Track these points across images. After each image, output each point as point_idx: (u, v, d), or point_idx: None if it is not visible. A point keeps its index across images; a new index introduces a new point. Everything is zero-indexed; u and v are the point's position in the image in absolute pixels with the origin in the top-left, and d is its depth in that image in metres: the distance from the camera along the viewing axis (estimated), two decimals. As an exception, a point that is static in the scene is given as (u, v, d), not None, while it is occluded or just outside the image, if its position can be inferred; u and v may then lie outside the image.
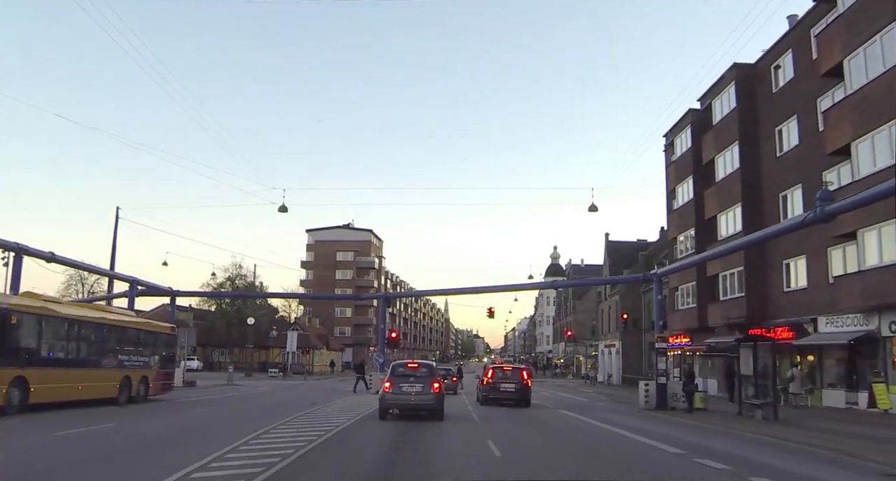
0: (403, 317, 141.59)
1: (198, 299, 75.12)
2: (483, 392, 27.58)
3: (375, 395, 31.13)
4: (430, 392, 17.34)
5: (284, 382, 52.69)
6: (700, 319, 36.90)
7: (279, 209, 29.90)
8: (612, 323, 58.79)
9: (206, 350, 79.58)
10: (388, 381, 17.77)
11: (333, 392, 35.39)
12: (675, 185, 41.34)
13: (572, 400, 33.92)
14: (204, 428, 14.98)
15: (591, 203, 30.25)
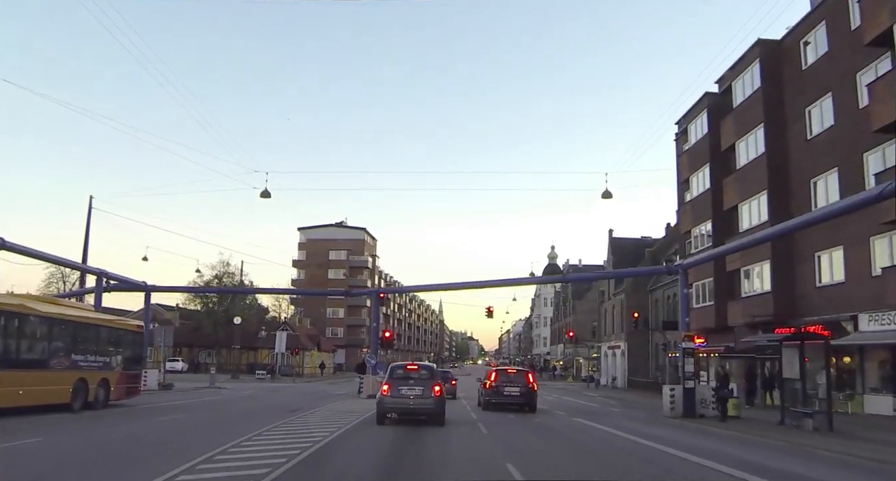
0: (397, 317, 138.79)
1: (184, 297, 72.41)
2: (485, 396, 25.29)
3: (368, 400, 28.64)
4: (431, 395, 16.36)
5: (272, 385, 49.94)
6: (718, 318, 34.23)
7: (261, 194, 27.11)
8: (617, 323, 56.11)
9: (192, 350, 76.65)
10: (386, 384, 16.82)
11: (322, 396, 32.63)
12: (688, 175, 38.68)
13: (581, 405, 31.21)
14: (150, 445, 12.16)
15: (605, 189, 27.52)
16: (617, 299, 56.27)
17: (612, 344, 57.00)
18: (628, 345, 52.00)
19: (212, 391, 36.79)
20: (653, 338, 50.44)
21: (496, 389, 24.56)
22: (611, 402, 33.66)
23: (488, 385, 25.51)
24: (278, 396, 32.13)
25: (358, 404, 26.21)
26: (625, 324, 53.30)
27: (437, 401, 16.54)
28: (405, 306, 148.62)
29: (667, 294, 47.90)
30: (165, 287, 34.23)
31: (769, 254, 29.01)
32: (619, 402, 34.03)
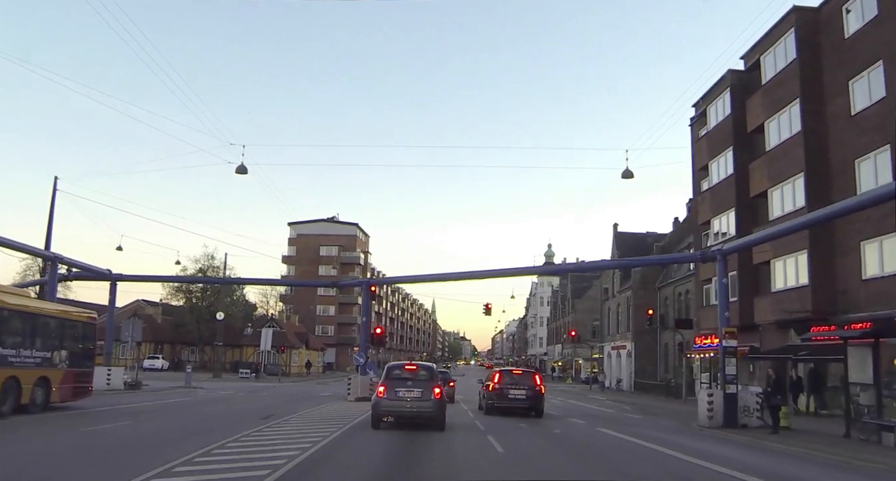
0: (390, 316, 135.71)
1: (167, 292, 69.14)
2: (488, 399, 22.81)
3: (357, 404, 25.51)
4: (431, 398, 15.28)
5: (255, 385, 46.78)
6: (743, 316, 31.16)
7: (237, 170, 23.87)
8: (622, 322, 53.05)
9: (175, 348, 73.42)
10: (382, 385, 15.73)
11: (305, 398, 29.46)
12: (707, 161, 35.59)
13: (594, 410, 28.10)
14: (53, 468, 8.92)
15: (626, 167, 24.39)
16: (622, 296, 53.21)
17: (617, 344, 53.93)
18: (635, 345, 48.92)
19: (185, 391, 33.60)
20: (661, 338, 47.43)
21: (500, 392, 22.30)
22: (625, 407, 30.57)
23: (491, 387, 22.83)
24: (257, 398, 28.94)
25: (344, 408, 23.10)
26: (631, 322, 50.27)
27: (437, 404, 15.38)
28: (398, 304, 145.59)
29: (678, 291, 44.87)
30: (132, 276, 30.90)
31: (806, 243, 25.96)
32: (635, 408, 30.95)
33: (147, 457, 9.60)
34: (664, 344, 47.04)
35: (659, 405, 32.82)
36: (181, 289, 69.71)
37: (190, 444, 11.26)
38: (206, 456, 10.07)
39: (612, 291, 57.16)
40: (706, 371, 38.02)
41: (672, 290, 45.67)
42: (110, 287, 30.50)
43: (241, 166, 23.85)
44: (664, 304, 47.59)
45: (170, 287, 68.93)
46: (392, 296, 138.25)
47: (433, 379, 16.04)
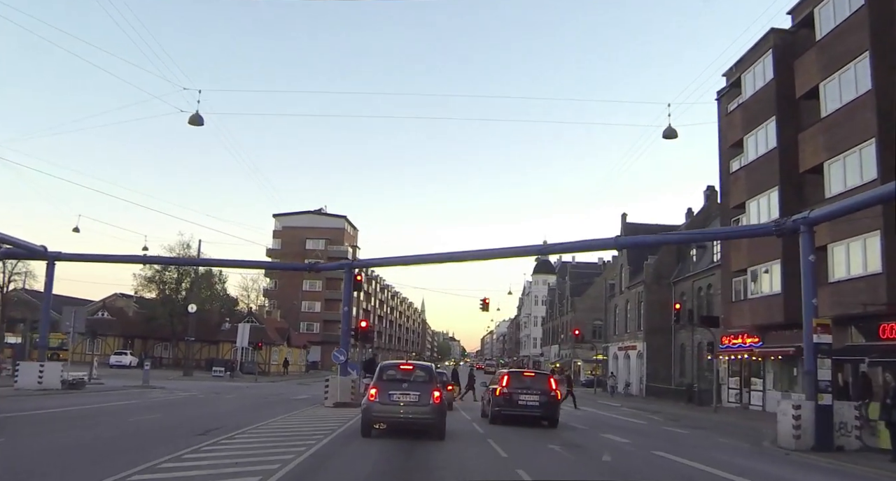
0: (378, 314, 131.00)
1: (137, 282, 64.25)
2: (495, 406, 19.48)
3: (334, 411, 21.10)
4: (429, 402, 13.68)
5: (227, 384, 42.20)
6: (789, 311, 26.79)
7: (190, 120, 19.22)
8: (632, 320, 48.67)
9: (146, 343, 68.41)
10: (374, 387, 14.00)
11: (276, 402, 24.93)
12: (742, 135, 31.25)
13: (620, 421, 23.65)
14: None
15: (668, 125, 19.89)
16: (632, 293, 48.82)
17: (626, 344, 49.54)
18: (647, 345, 44.53)
19: (139, 392, 29.03)
20: (677, 338, 43.09)
21: (509, 397, 19.01)
22: (653, 417, 26.12)
23: (498, 391, 19.38)
24: (216, 402, 24.36)
25: (318, 417, 18.60)
26: (643, 321, 45.89)
27: (436, 410, 13.74)
28: (387, 302, 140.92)
29: (697, 285, 40.52)
30: (73, 254, 26.08)
31: (879, 223, 21.62)
32: (665, 417, 26.53)
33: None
34: (679, 344, 42.70)
35: (688, 414, 28.44)
36: (154, 280, 64.94)
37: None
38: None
39: (619, 287, 52.79)
40: (735, 375, 33.86)
41: (690, 285, 41.33)
42: (47, 268, 25.77)
43: (196, 116, 19.21)
44: (680, 301, 43.20)
45: (141, 278, 64.22)
46: (381, 294, 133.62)
47: (432, 381, 14.22)
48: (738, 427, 22.04)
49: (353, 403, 22.49)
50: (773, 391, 29.49)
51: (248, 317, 63.46)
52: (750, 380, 31.76)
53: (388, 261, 23.19)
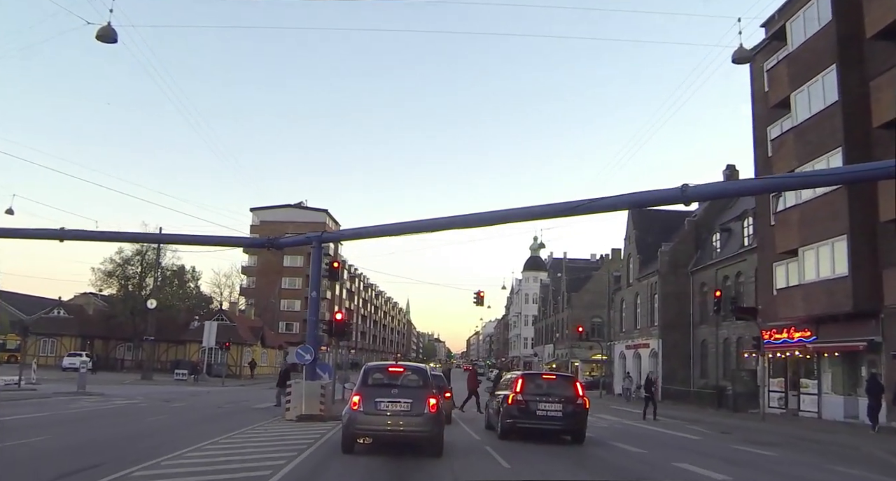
0: (362, 314, 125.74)
1: (96, 277, 58.58)
2: (507, 417, 15.44)
3: (295, 428, 16.02)
4: (423, 411, 11.39)
5: (187, 389, 37.19)
6: (858, 297, 22.06)
7: (97, 34, 14.06)
8: (644, 315, 43.70)
9: (107, 344, 62.73)
10: (357, 394, 11.67)
11: (228, 414, 19.87)
12: (789, 92, 26.45)
13: (670, 437, 18.66)
14: None
15: (739, 45, 14.90)
16: (642, 284, 43.93)
17: (636, 342, 44.61)
18: (663, 343, 39.61)
19: (66, 400, 23.71)
20: (696, 334, 38.28)
21: (525, 406, 15.21)
22: (700, 429, 21.08)
23: (511, 398, 15.44)
24: (150, 414, 19.15)
25: (271, 441, 13.42)
26: (657, 315, 41.02)
27: (431, 421, 11.44)
28: (371, 301, 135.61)
29: (722, 274, 35.69)
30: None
31: None
32: (709, 427, 21.65)
33: None
34: (700, 341, 37.87)
35: (734, 423, 23.58)
36: (114, 275, 59.33)
37: None
38: None
39: (626, 279, 47.90)
40: (778, 375, 28.98)
41: (713, 274, 36.47)
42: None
43: (105, 28, 14.02)
44: (699, 292, 38.43)
45: (100, 273, 58.61)
46: (364, 292, 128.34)
47: (427, 387, 12.09)
48: (821, 443, 17.13)
49: (323, 416, 17.40)
50: (832, 395, 24.68)
51: (217, 314, 58.00)
52: (798, 382, 26.91)
53: (365, 231, 18.09)
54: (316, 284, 18.51)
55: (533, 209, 14.89)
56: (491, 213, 16.11)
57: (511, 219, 15.56)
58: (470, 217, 16.46)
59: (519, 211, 15.17)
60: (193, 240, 21.00)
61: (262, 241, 19.11)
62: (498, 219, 15.91)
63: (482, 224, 16.45)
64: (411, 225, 17.15)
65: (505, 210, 15.52)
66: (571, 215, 14.49)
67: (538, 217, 15.29)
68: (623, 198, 14.01)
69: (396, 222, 17.72)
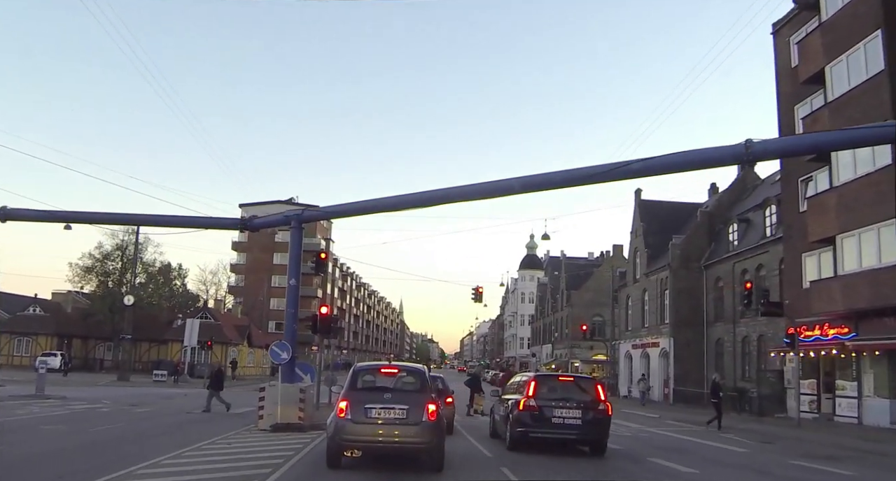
0: (355, 313, 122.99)
1: (73, 273, 55.67)
2: (518, 424, 13.50)
3: (270, 439, 13.48)
4: (421, 419, 9.87)
5: (165, 391, 34.75)
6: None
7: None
8: (653, 313, 41.15)
9: (87, 343, 59.80)
10: (344, 400, 10.10)
11: (193, 421, 17.26)
12: (824, 65, 24.01)
13: (691, 444, 16.13)
14: None
15: None
16: (651, 280, 41.40)
17: (644, 341, 42.10)
18: (674, 342, 37.08)
19: (15, 406, 20.98)
20: (710, 333, 35.80)
21: (538, 412, 13.34)
22: (738, 439, 18.51)
23: (523, 404, 13.46)
24: (104, 422, 16.46)
25: (233, 459, 10.84)
26: (668, 312, 38.53)
27: (430, 430, 9.87)
28: (364, 301, 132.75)
29: (740, 268, 33.20)
30: None
31: None
32: (746, 435, 19.12)
33: None
34: (715, 340, 35.38)
35: (768, 430, 21.15)
36: (93, 271, 56.45)
37: None
38: None
39: (633, 275, 45.39)
40: (809, 376, 26.43)
41: (729, 268, 33.98)
42: None
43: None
44: (714, 288, 35.96)
45: (77, 268, 55.75)
46: (357, 292, 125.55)
47: (424, 391, 10.35)
48: (888, 455, 14.65)
49: (303, 425, 14.80)
50: (875, 398, 22.19)
51: (201, 312, 55.24)
52: (833, 384, 24.40)
53: (351, 208, 15.40)
54: (295, 271, 15.89)
55: (556, 175, 12.34)
56: (500, 183, 13.50)
57: (529, 188, 13.00)
58: (470, 188, 13.85)
59: (538, 178, 12.60)
60: (163, 222, 18.38)
61: (235, 222, 16.48)
62: (505, 189, 13.32)
63: (487, 195, 13.83)
64: (404, 199, 14.54)
65: (520, 177, 12.94)
66: (605, 180, 11.99)
67: (563, 184, 12.72)
68: (676, 157, 11.48)
69: (386, 196, 15.09)
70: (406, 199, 14.54)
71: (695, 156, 11.52)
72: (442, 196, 14.18)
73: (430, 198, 14.24)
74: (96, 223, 17.91)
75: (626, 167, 11.36)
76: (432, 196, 14.25)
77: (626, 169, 11.37)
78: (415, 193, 14.51)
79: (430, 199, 14.30)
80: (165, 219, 18.14)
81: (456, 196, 14.22)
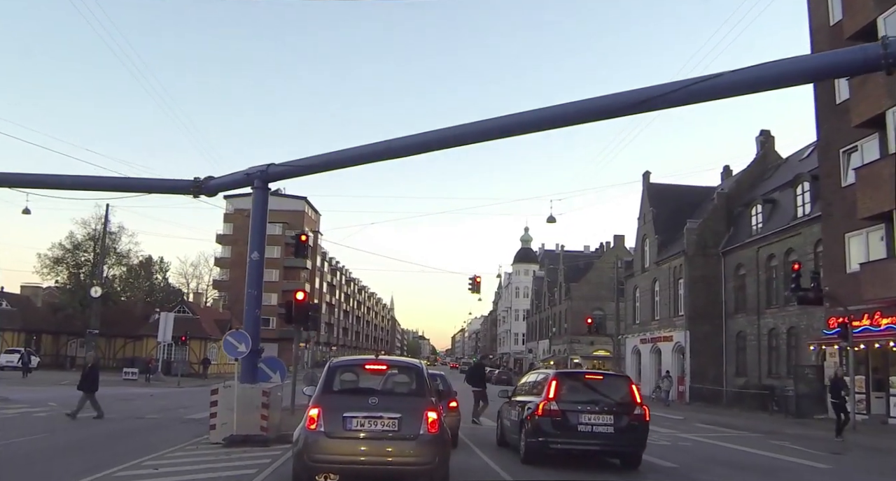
0: (345, 309, 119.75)
1: (40, 264, 52.24)
2: (536, 433, 11.03)
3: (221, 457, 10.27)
4: (420, 432, 7.48)
5: (130, 391, 31.37)
6: None
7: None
8: (665, 305, 38.01)
9: (58, 340, 56.25)
10: (316, 406, 7.66)
11: (139, 430, 14.24)
12: (876, 15, 21.09)
13: (745, 455, 13.13)
14: None
15: None
16: (663, 269, 38.33)
17: (655, 335, 39.07)
18: (691, 336, 34.03)
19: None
20: (730, 326, 32.81)
21: (562, 418, 10.84)
22: (791, 447, 15.41)
23: (542, 408, 10.96)
24: (35, 428, 13.48)
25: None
26: (683, 304, 35.51)
27: (431, 446, 7.43)
28: (354, 296, 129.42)
29: (766, 253, 30.20)
30: None
31: None
32: (797, 441, 16.09)
33: None
34: (736, 333, 32.39)
35: (822, 436, 18.11)
36: (63, 262, 52.98)
37: None
38: None
39: (641, 264, 42.34)
40: (855, 373, 23.39)
41: (753, 254, 30.99)
42: None
43: None
44: (734, 276, 32.95)
45: (46, 259, 52.32)
46: (347, 287, 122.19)
47: (423, 393, 7.87)
48: None
49: (266, 436, 11.60)
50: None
51: (177, 305, 51.90)
52: (887, 381, 21.38)
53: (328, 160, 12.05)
54: (258, 243, 12.73)
55: (588, 103, 9.23)
56: (499, 120, 10.33)
57: (548, 124, 9.81)
58: (471, 127, 10.68)
59: (565, 109, 9.46)
60: (110, 185, 15.17)
61: (188, 184, 13.20)
62: (503, 129, 10.17)
63: (494, 135, 10.65)
64: (391, 145, 11.31)
65: (540, 109, 9.80)
66: (668, 105, 8.87)
67: (595, 116, 9.56)
68: (783, 65, 8.35)
69: (368, 143, 11.85)
70: (394, 146, 11.36)
71: (810, 64, 8.52)
72: (437, 139, 11.06)
73: (417, 143, 11.15)
74: (27, 187, 14.67)
75: (712, 81, 8.27)
76: (420, 140, 11.15)
77: (712, 83, 8.28)
78: (401, 138, 11.38)
79: (417, 144, 11.21)
80: (113, 181, 14.97)
81: (451, 140, 11.12)
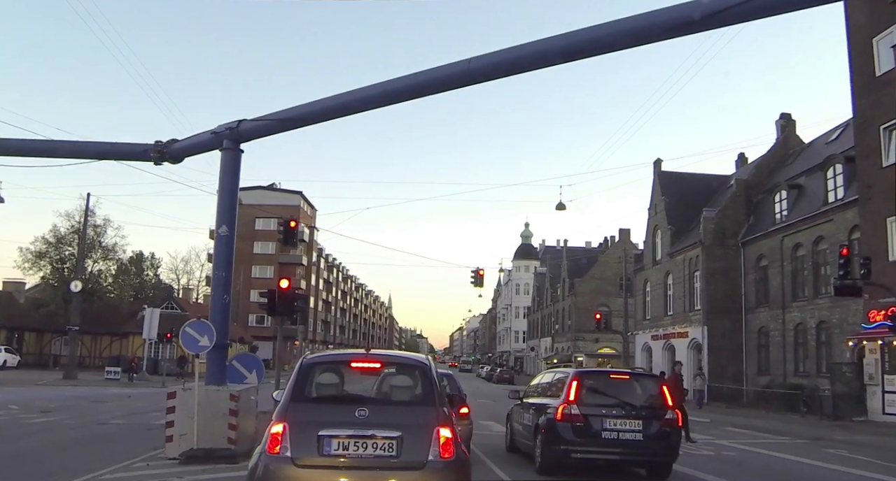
0: (342, 306, 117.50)
1: (22, 259, 49.83)
2: (555, 441, 9.42)
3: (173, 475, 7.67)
4: (427, 457, 5.02)
5: (108, 391, 29.64)
6: None
7: None
8: (680, 299, 35.80)
9: (42, 338, 53.97)
10: (280, 420, 5.16)
11: (84, 443, 11.83)
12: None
13: (827, 473, 10.86)
14: None
15: None
16: (676, 261, 36.17)
17: (668, 331, 36.90)
18: (709, 332, 31.87)
19: None
20: (751, 321, 30.69)
21: (584, 423, 9.34)
22: (867, 459, 13.19)
23: (560, 412, 9.49)
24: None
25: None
26: (699, 298, 33.36)
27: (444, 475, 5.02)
28: (351, 294, 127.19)
29: (791, 242, 28.08)
30: None
31: None
32: (862, 451, 13.92)
33: None
34: (757, 329, 30.27)
35: (877, 442, 15.89)
36: (46, 256, 50.60)
37: None
38: None
39: (652, 257, 40.17)
40: (892, 371, 21.30)
41: (777, 243, 28.86)
42: None
43: None
44: (755, 268, 30.82)
45: (27, 253, 49.86)
46: (344, 284, 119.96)
47: (430, 400, 5.49)
48: None
49: (234, 451, 9.41)
50: None
51: (165, 301, 49.69)
52: None
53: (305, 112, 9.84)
54: (229, 215, 10.50)
55: (621, 24, 7.11)
56: (524, 48, 8.21)
57: (577, 52, 7.66)
58: (480, 61, 8.56)
59: (598, 32, 7.31)
60: (63, 150, 12.98)
61: (146, 148, 10.98)
62: (528, 59, 8.04)
63: (503, 70, 8.52)
64: (388, 89, 9.17)
65: (565, 34, 7.68)
66: (713, 25, 6.78)
67: (628, 42, 7.42)
68: None
69: (349, 90, 9.69)
70: (389, 89, 9.22)
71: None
72: (440, 78, 8.95)
73: (414, 85, 9.06)
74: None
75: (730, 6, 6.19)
76: (420, 81, 9.06)
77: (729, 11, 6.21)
78: (394, 79, 9.27)
79: (414, 86, 9.13)
80: (64, 145, 12.82)
81: (456, 78, 9.03)
